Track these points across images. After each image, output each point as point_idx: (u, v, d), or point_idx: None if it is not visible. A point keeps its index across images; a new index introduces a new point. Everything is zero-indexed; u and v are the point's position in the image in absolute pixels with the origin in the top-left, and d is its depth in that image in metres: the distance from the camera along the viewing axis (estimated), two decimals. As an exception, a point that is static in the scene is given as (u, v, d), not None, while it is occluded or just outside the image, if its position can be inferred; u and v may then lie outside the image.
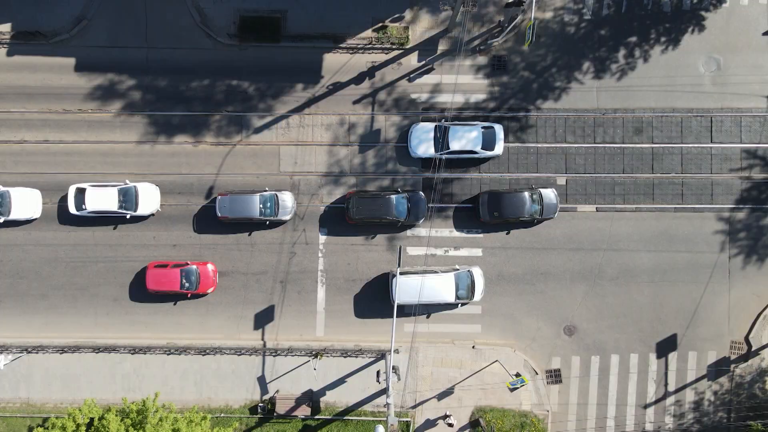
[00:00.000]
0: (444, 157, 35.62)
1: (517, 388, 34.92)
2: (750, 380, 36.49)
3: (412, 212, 35.60)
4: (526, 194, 35.48)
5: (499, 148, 35.76)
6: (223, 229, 36.50)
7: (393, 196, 35.41)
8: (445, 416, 35.77)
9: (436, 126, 35.62)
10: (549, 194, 35.82)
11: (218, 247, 36.58)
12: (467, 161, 36.38)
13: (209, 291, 35.97)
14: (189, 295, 36.08)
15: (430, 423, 36.34)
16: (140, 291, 36.32)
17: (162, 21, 36.63)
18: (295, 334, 36.76)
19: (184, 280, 35.24)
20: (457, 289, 34.94)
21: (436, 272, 35.22)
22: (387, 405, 31.73)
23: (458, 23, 35.96)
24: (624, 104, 36.65)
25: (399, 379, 33.48)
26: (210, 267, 35.91)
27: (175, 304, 36.51)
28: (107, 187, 35.60)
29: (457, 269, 35.48)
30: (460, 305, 36.06)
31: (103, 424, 30.89)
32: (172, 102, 36.63)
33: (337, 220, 36.53)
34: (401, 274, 34.70)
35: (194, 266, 35.56)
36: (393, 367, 32.31)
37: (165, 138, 36.63)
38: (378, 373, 33.18)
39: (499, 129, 35.74)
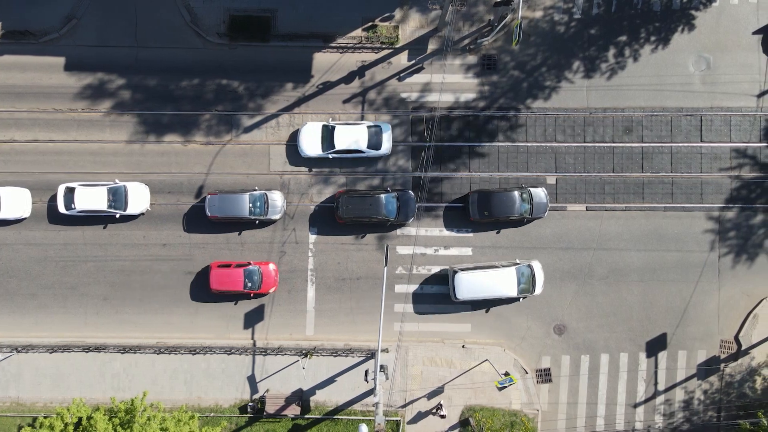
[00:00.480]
0: (331, 156, 35.70)
1: (506, 387, 34.92)
2: (740, 379, 36.50)
3: (402, 211, 35.58)
4: (516, 193, 35.48)
5: (385, 148, 35.73)
6: (213, 229, 36.47)
7: (382, 196, 35.40)
8: (437, 408, 35.70)
9: (323, 125, 35.69)
10: (539, 193, 35.83)
11: (208, 247, 36.57)
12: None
13: (271, 290, 36.00)
14: (252, 295, 36.10)
15: (422, 415, 36.30)
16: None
17: (152, 20, 36.60)
18: (285, 334, 36.75)
19: (247, 280, 35.27)
20: (518, 283, 34.97)
21: (495, 267, 35.26)
22: (375, 404, 31.71)
23: (448, 22, 35.95)
24: (614, 103, 36.65)
25: (387, 379, 33.44)
26: (272, 267, 35.88)
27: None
28: (97, 186, 35.56)
29: (518, 263, 35.48)
30: (521, 299, 36.12)
31: (90, 424, 30.88)
32: (162, 101, 36.60)
33: (327, 220, 36.51)
34: (462, 270, 34.83)
35: (256, 266, 35.49)
36: (381, 367, 32.28)
37: (155, 137, 36.61)
38: (366, 372, 33.16)
39: (386, 128, 35.73)
